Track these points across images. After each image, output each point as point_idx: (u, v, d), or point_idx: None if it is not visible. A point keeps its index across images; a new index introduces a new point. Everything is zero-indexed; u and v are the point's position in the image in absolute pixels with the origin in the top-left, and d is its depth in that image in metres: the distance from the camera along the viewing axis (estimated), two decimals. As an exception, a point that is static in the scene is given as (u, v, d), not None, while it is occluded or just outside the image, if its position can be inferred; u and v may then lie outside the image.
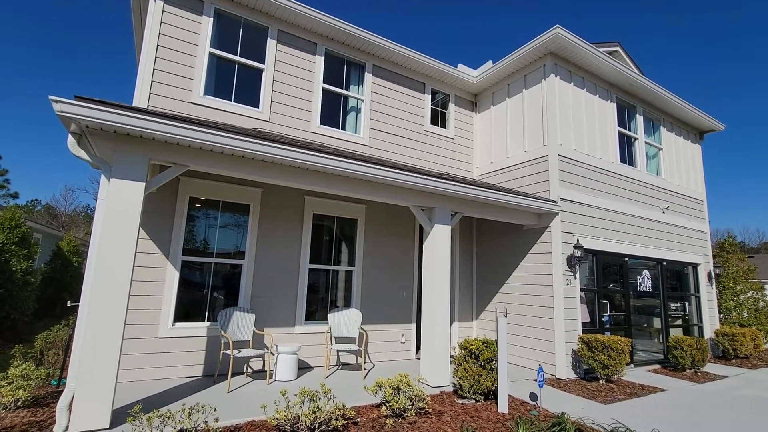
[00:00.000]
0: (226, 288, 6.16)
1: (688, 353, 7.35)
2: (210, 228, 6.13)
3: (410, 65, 8.14)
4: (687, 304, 9.45)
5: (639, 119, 8.96)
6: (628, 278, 8.07)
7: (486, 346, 5.13)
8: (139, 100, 5.59)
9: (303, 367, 6.25)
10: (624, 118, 8.78)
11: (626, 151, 8.69)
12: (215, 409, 3.66)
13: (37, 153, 50.62)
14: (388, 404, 4.34)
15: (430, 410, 4.54)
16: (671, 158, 9.65)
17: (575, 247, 6.86)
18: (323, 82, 7.25)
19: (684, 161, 10.02)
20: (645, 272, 8.46)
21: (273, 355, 5.69)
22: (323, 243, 7.02)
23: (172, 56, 5.92)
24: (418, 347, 7.45)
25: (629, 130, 8.82)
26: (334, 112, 7.47)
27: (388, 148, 7.79)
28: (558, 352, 6.58)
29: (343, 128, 7.53)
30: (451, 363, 5.69)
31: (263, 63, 6.70)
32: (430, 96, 8.52)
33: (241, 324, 5.70)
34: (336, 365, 6.62)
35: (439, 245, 5.87)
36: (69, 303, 5.07)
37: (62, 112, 3.39)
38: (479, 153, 8.98)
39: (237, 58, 6.51)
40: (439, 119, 8.74)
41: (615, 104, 8.45)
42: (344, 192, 5.38)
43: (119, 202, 3.83)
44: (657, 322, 8.64)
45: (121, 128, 3.70)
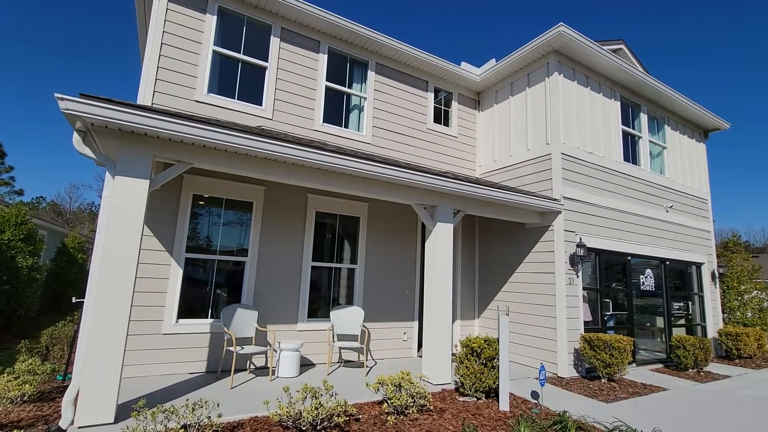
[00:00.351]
0: (229, 285, 6.20)
1: (691, 353, 7.33)
2: (213, 225, 6.16)
3: (413, 63, 8.13)
4: (690, 303, 9.42)
5: (643, 117, 8.92)
6: (631, 277, 8.05)
7: (488, 344, 5.15)
8: (144, 98, 5.62)
9: (305, 364, 6.28)
10: (628, 116, 8.74)
11: (630, 150, 8.65)
12: (218, 405, 3.69)
13: (41, 150, 50.96)
14: (389, 401, 4.36)
15: (432, 407, 4.57)
16: (675, 157, 9.60)
17: (578, 245, 6.85)
18: (326, 80, 7.25)
19: (688, 160, 9.97)
20: (648, 271, 8.43)
21: (275, 352, 5.72)
22: (326, 241, 7.05)
23: (176, 54, 5.94)
24: (419, 345, 7.47)
25: (633, 128, 8.78)
26: (337, 110, 7.48)
27: (390, 146, 7.79)
28: (560, 351, 6.59)
29: (346, 126, 7.54)
30: (452, 361, 5.71)
31: (266, 61, 6.71)
32: (433, 94, 8.52)
33: (244, 321, 5.74)
34: (338, 362, 6.65)
35: (441, 243, 5.88)
36: (74, 299, 5.12)
37: (68, 110, 3.42)
38: (482, 151, 8.97)
39: (240, 56, 6.53)
40: (442, 117, 8.73)
41: (619, 102, 8.41)
42: (347, 190, 5.39)
43: (124, 200, 3.86)
44: (660, 322, 8.62)
45: (125, 126, 3.73)
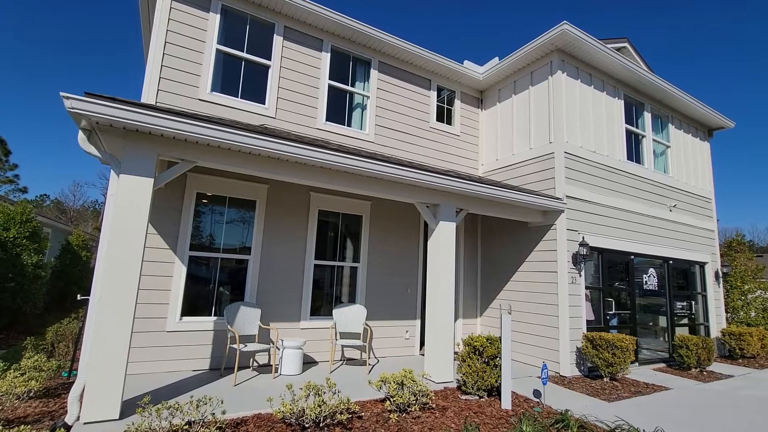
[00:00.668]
0: (232, 283, 6.23)
1: (694, 352, 7.32)
2: (216, 223, 6.19)
3: (416, 61, 8.13)
4: (693, 302, 9.39)
5: (647, 116, 8.88)
6: (634, 276, 8.03)
7: (490, 343, 5.15)
8: (148, 97, 5.65)
9: (308, 362, 6.31)
10: (632, 115, 8.70)
11: (633, 149, 8.62)
12: (222, 402, 3.72)
13: (45, 148, 51.21)
14: (392, 399, 4.38)
15: (434, 405, 4.58)
16: (679, 156, 9.56)
17: (581, 244, 6.84)
18: (329, 79, 7.26)
19: (692, 159, 9.92)
20: (651, 270, 8.41)
21: (278, 349, 5.75)
22: (328, 239, 7.07)
23: (180, 53, 5.96)
24: (422, 343, 7.48)
25: (637, 127, 8.75)
26: (339, 108, 7.49)
27: (393, 145, 7.80)
28: (562, 350, 6.59)
29: (349, 125, 7.55)
30: (454, 359, 5.72)
31: (270, 60, 6.73)
32: (435, 92, 8.51)
33: (247, 319, 5.77)
34: (340, 360, 6.68)
35: (443, 242, 5.89)
36: (79, 296, 5.16)
37: (73, 109, 3.44)
38: (485, 150, 8.96)
39: (244, 55, 6.54)
40: (444, 116, 8.72)
41: (622, 101, 8.38)
42: (349, 188, 5.40)
43: (128, 198, 3.89)
44: (663, 321, 8.61)
45: (130, 124, 3.75)
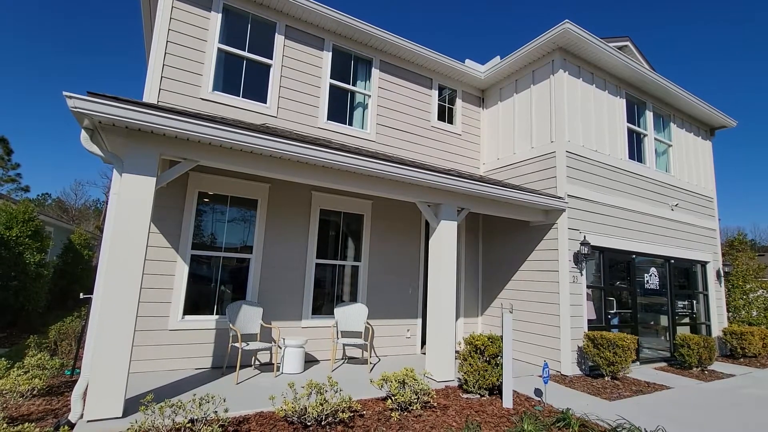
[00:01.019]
0: (234, 282, 6.25)
1: (695, 351, 7.31)
2: (218, 223, 6.21)
3: (417, 60, 8.12)
4: (695, 302, 9.38)
5: (649, 115, 8.87)
6: (636, 276, 8.03)
7: (491, 342, 5.16)
8: (150, 96, 5.66)
9: (309, 361, 6.33)
10: (633, 114, 8.69)
11: (635, 148, 8.60)
12: (224, 400, 3.74)
13: (46, 147, 51.30)
14: (393, 398, 4.39)
15: (435, 404, 4.60)
16: (681, 155, 9.54)
17: (582, 244, 6.84)
18: (330, 78, 7.26)
19: (694, 158, 9.90)
20: (652, 270, 8.41)
21: (280, 348, 5.77)
22: (330, 238, 7.07)
23: (182, 52, 5.97)
24: (423, 342, 7.50)
25: (638, 126, 8.73)
26: (341, 107, 7.49)
27: (394, 144, 7.80)
28: (563, 349, 6.59)
29: (350, 124, 7.55)
30: (456, 358, 5.73)
31: (271, 59, 6.73)
32: (437, 92, 8.50)
33: (249, 317, 5.79)
34: (342, 359, 6.70)
35: (445, 241, 5.89)
36: (82, 295, 5.18)
37: (76, 108, 3.45)
38: (486, 149, 8.95)
39: (245, 54, 6.55)
40: (446, 115, 8.72)
41: (624, 100, 8.37)
42: (351, 187, 5.41)
43: (131, 197, 3.90)
44: (664, 320, 8.60)
45: (132, 124, 3.76)
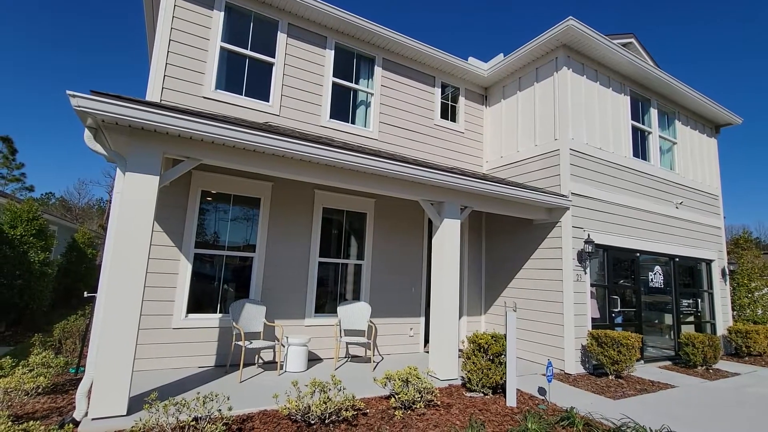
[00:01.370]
0: (237, 280, 6.26)
1: (700, 350, 7.28)
2: (221, 221, 6.21)
3: (420, 58, 8.09)
4: (699, 300, 9.33)
5: (653, 113, 8.80)
6: (640, 274, 7.99)
7: (495, 341, 5.15)
8: (152, 95, 5.66)
9: (312, 359, 6.33)
10: (638, 111, 8.63)
11: (639, 145, 8.55)
12: (228, 398, 3.74)
13: (50, 146, 51.47)
14: (396, 396, 4.39)
15: (439, 403, 4.59)
16: (686, 152, 9.47)
17: (586, 242, 6.80)
18: (333, 76, 7.24)
19: (699, 155, 9.83)
20: (657, 268, 8.36)
21: (283, 346, 5.78)
22: (333, 237, 7.07)
23: (185, 51, 5.97)
24: (426, 341, 7.49)
25: (643, 123, 8.68)
26: (343, 106, 7.48)
27: (397, 142, 7.78)
28: (567, 348, 6.57)
29: (353, 122, 7.53)
30: (459, 357, 5.72)
31: (273, 57, 6.72)
32: (440, 89, 8.47)
33: (253, 316, 5.79)
34: (345, 357, 6.70)
35: (448, 239, 5.88)
36: (86, 293, 5.20)
37: (79, 107, 3.46)
38: (489, 147, 8.92)
39: (248, 53, 6.54)
40: (449, 113, 8.69)
41: (629, 97, 8.31)
42: (354, 186, 5.39)
43: (134, 195, 3.91)
44: (668, 319, 8.56)
45: (135, 122, 3.76)
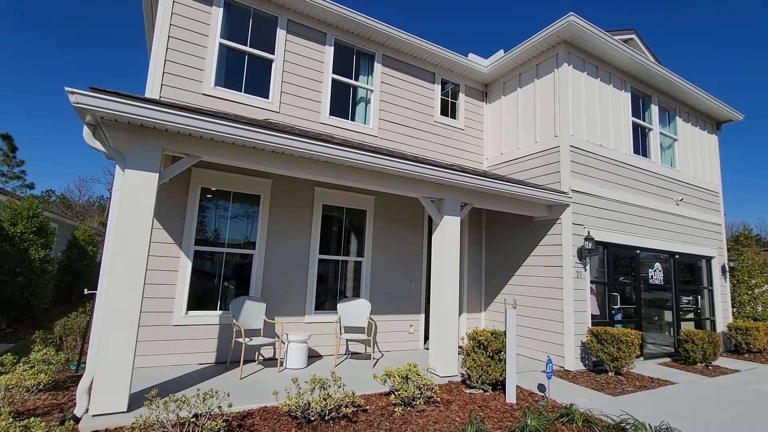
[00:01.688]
0: (237, 277, 6.26)
1: (700, 347, 7.29)
2: (221, 218, 6.21)
3: (420, 55, 8.06)
4: (699, 297, 9.34)
5: (654, 109, 8.78)
6: (640, 271, 7.99)
7: (495, 337, 5.15)
8: (152, 92, 5.64)
9: (313, 356, 6.35)
10: (638, 107, 8.60)
11: (640, 142, 8.53)
12: (228, 395, 3.74)
13: (50, 144, 51.41)
14: (396, 393, 4.40)
15: (439, 399, 4.60)
16: (686, 149, 9.45)
17: (586, 239, 6.80)
18: (333, 73, 7.22)
19: (700, 152, 9.81)
20: (657, 265, 8.36)
21: (284, 343, 5.78)
22: (332, 234, 7.07)
23: (183, 47, 5.95)
24: (426, 337, 7.50)
25: (643, 120, 8.65)
26: (343, 102, 7.45)
27: (397, 139, 7.76)
28: (567, 344, 6.58)
29: (353, 119, 7.51)
30: (459, 353, 5.73)
31: (273, 53, 6.69)
32: (440, 86, 8.44)
33: (253, 313, 5.80)
34: (345, 354, 6.71)
35: (448, 236, 5.87)
36: (86, 290, 5.20)
37: (78, 104, 3.44)
38: (489, 144, 8.90)
39: (247, 49, 6.51)
40: (449, 110, 8.66)
41: (629, 94, 8.28)
42: (353, 183, 5.39)
43: (134, 193, 3.90)
44: (668, 316, 8.57)
45: (134, 119, 3.75)
